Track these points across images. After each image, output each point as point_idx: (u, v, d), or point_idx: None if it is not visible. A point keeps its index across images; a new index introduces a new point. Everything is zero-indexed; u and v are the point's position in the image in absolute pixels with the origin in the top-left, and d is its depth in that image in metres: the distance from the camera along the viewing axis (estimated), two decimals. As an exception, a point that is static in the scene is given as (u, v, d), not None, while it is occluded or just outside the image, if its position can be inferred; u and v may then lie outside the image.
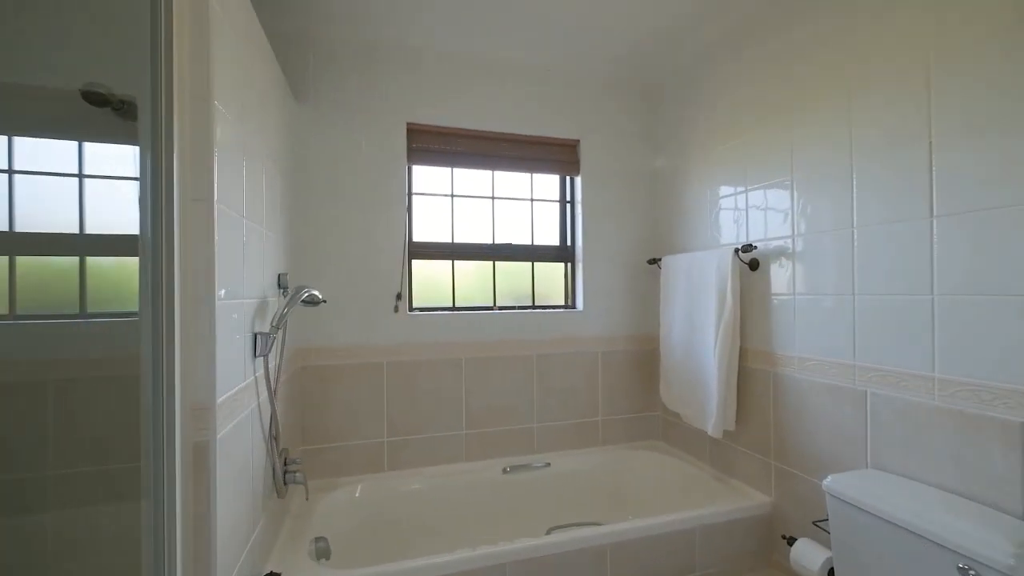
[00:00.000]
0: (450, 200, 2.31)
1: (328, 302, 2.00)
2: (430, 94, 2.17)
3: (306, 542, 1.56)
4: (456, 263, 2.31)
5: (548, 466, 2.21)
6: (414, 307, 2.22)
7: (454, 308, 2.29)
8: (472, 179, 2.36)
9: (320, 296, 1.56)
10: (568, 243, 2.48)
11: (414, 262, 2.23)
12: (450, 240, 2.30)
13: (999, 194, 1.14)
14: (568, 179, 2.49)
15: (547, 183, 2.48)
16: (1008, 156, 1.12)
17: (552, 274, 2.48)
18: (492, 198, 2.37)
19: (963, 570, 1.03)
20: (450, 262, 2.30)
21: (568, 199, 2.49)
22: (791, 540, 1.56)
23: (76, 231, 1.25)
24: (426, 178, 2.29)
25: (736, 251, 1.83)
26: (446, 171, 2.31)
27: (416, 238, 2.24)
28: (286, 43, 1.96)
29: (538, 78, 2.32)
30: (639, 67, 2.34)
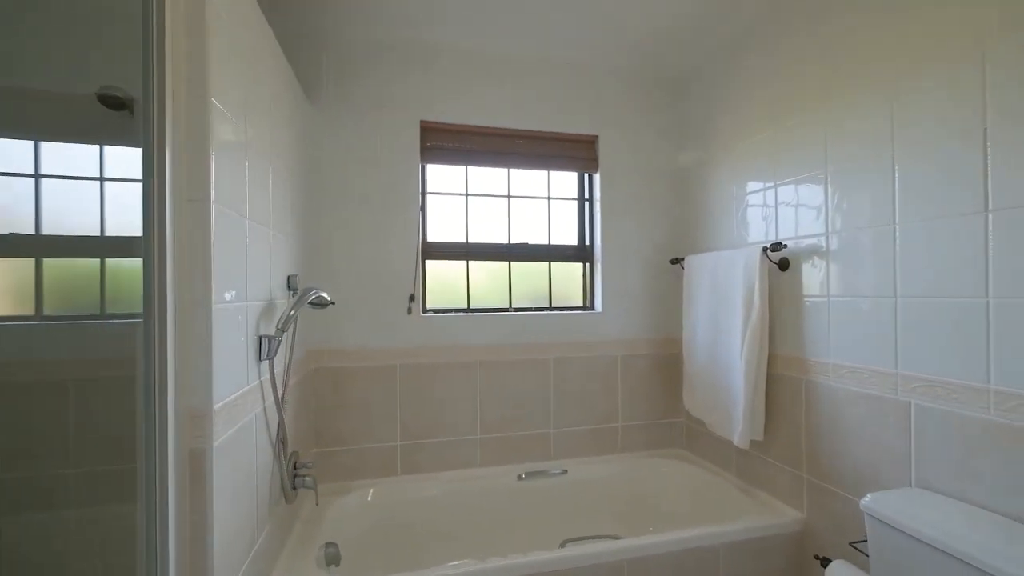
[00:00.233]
0: (464, 199, 2.27)
1: (341, 303, 1.98)
2: (444, 91, 2.13)
3: (315, 548, 1.54)
4: (471, 264, 2.26)
5: (565, 473, 2.14)
6: (428, 309, 2.18)
7: (468, 310, 2.24)
8: (487, 177, 2.30)
9: (328, 298, 1.53)
10: (586, 242, 2.40)
11: (428, 263, 2.19)
12: (464, 240, 2.25)
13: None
14: (586, 176, 2.41)
15: (564, 181, 2.41)
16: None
17: (570, 274, 2.40)
18: (507, 197, 2.32)
19: (1025, 608, 0.92)
20: (464, 263, 2.25)
21: (586, 197, 2.41)
22: (825, 561, 1.45)
23: (97, 233, 1.28)
24: (440, 177, 2.25)
25: (764, 250, 1.72)
26: (460, 170, 2.26)
27: (430, 238, 2.20)
28: (299, 45, 1.95)
29: (555, 73, 2.25)
30: (660, 59, 2.25)
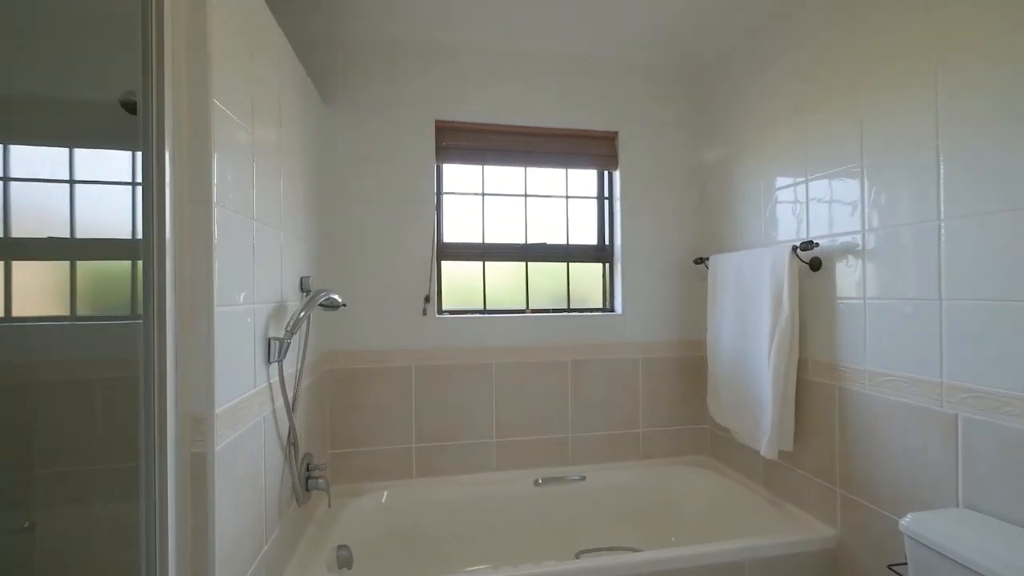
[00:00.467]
0: (480, 199, 2.23)
1: (356, 305, 1.98)
2: (459, 90, 2.10)
3: (326, 551, 1.53)
4: (487, 264, 2.23)
5: (583, 480, 2.08)
6: (443, 310, 2.16)
7: (485, 311, 2.20)
8: (503, 177, 2.26)
9: (339, 299, 1.52)
10: (606, 242, 2.33)
11: (444, 263, 2.17)
12: (481, 240, 2.22)
13: None
14: (606, 174, 2.34)
15: (583, 179, 2.34)
16: None
17: (589, 275, 2.34)
18: (524, 196, 2.27)
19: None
20: (481, 263, 2.22)
21: (606, 195, 2.34)
22: (860, 584, 1.35)
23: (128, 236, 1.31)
24: (456, 176, 2.22)
25: (794, 248, 1.62)
26: (476, 169, 2.23)
27: (446, 239, 2.17)
28: (314, 46, 1.95)
29: (573, 68, 2.19)
30: (682, 50, 2.15)
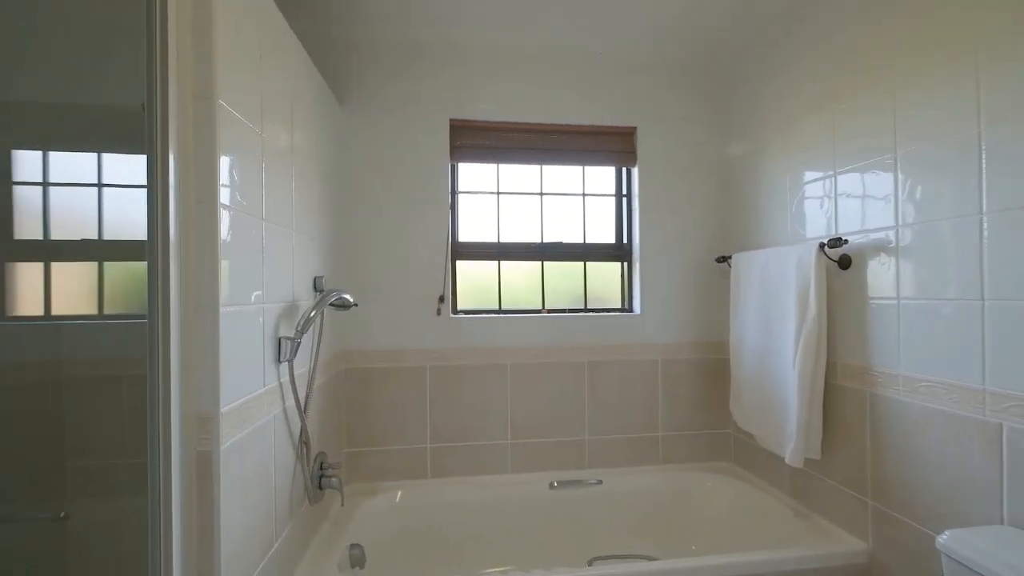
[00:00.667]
0: (496, 198, 2.21)
1: (371, 304, 1.98)
2: (473, 89, 2.08)
3: (339, 550, 1.53)
4: (503, 264, 2.20)
5: (600, 483, 2.03)
6: (458, 310, 2.14)
7: (500, 311, 2.18)
8: (519, 175, 2.23)
9: (351, 299, 1.52)
10: (624, 240, 2.27)
11: (459, 263, 2.15)
12: (496, 240, 2.19)
13: None
14: (624, 171, 2.28)
15: (601, 176, 2.29)
16: None
17: (607, 274, 2.28)
18: (540, 194, 2.23)
19: None
20: (496, 263, 2.19)
21: (624, 193, 2.28)
22: (894, 603, 1.26)
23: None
24: (471, 175, 2.21)
25: (822, 246, 1.54)
26: (491, 168, 2.21)
27: (461, 238, 2.16)
28: (328, 48, 1.97)
29: (588, 63, 2.14)
30: (702, 41, 2.07)
